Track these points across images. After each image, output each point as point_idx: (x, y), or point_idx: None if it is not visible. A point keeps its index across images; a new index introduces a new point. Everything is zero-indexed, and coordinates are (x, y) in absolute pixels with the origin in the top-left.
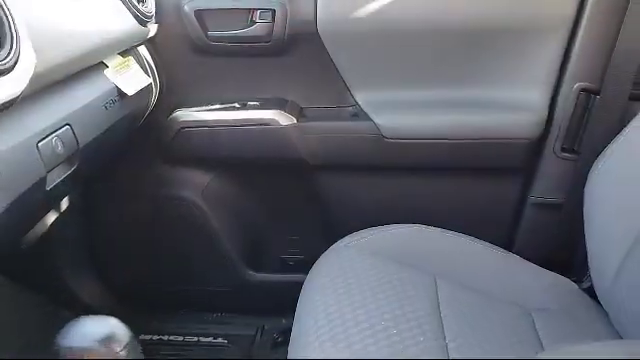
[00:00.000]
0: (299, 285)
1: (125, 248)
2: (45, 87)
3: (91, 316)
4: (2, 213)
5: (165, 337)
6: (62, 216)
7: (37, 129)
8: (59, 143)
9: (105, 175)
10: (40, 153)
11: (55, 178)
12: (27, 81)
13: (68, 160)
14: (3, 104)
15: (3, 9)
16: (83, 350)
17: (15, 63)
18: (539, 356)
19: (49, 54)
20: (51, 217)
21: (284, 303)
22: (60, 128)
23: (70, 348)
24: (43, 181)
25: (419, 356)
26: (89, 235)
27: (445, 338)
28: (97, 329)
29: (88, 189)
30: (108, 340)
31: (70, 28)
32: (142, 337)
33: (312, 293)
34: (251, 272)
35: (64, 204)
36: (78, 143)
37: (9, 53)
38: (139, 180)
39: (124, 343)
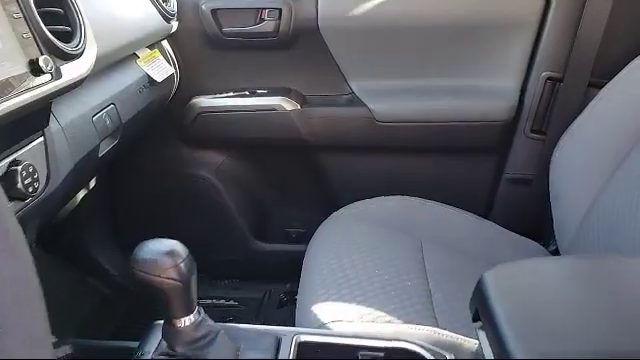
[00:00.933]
0: (301, 254)
1: (146, 221)
2: (97, 71)
3: (159, 238)
4: (70, 172)
5: None
6: (90, 193)
7: (92, 105)
8: (107, 118)
9: (130, 154)
10: (94, 125)
11: (105, 147)
12: (92, 64)
13: (113, 134)
14: (75, 83)
15: (74, 5)
16: (153, 261)
17: (84, 50)
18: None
19: (103, 43)
20: (81, 193)
21: (288, 270)
22: (108, 106)
23: (145, 260)
24: (97, 148)
25: (409, 296)
26: (113, 209)
27: (429, 284)
28: (163, 245)
29: (114, 167)
30: (171, 253)
31: (116, 22)
32: None
33: (316, 253)
34: (258, 242)
35: (92, 182)
36: (121, 119)
37: (80, 41)
38: (160, 159)
39: (183, 257)
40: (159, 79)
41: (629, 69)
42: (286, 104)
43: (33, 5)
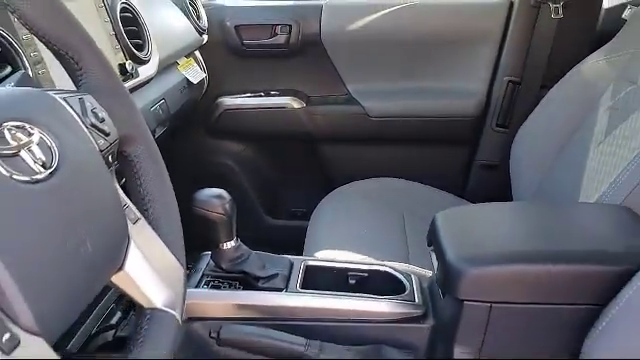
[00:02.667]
0: (303, 230)
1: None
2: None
3: (211, 187)
4: None
5: None
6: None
7: (150, 99)
8: (160, 110)
9: (165, 145)
10: (152, 114)
11: (158, 132)
12: (157, 68)
13: (164, 122)
14: (148, 80)
15: (144, 24)
16: (207, 201)
17: (151, 57)
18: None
19: (160, 53)
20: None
21: (293, 242)
22: (160, 100)
23: (202, 200)
24: (154, 132)
25: (389, 248)
26: None
27: (407, 241)
28: (214, 191)
29: None
30: (219, 196)
31: (167, 37)
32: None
33: (318, 219)
34: (268, 219)
35: None
36: (169, 111)
37: (148, 50)
38: (190, 148)
39: (228, 200)
40: (195, 81)
41: (570, 75)
42: (294, 103)
43: (121, 25)
